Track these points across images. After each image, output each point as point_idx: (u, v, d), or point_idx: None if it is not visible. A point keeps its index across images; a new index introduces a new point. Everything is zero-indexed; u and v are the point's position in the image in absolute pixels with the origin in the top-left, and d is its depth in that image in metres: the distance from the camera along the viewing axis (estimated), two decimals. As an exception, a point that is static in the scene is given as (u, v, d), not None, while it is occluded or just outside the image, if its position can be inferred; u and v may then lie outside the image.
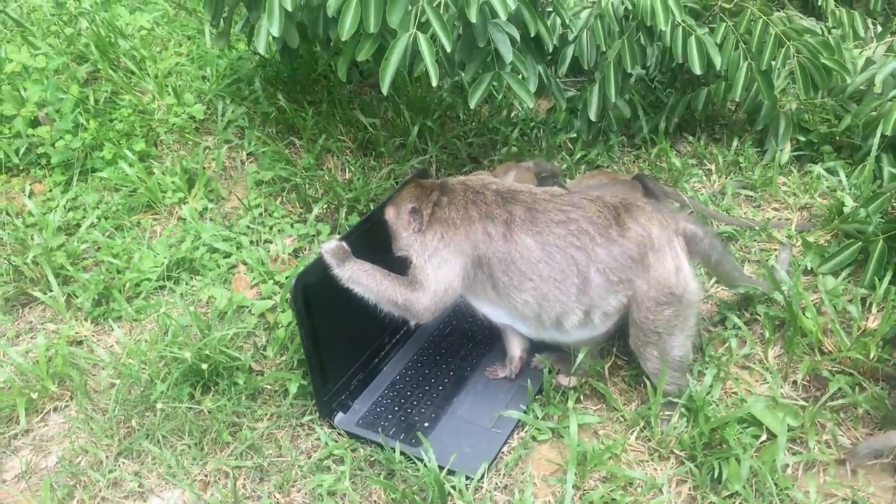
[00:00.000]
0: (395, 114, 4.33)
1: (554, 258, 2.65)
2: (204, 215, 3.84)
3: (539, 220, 2.68)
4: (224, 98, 4.38)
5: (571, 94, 4.35)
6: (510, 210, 2.71)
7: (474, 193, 2.77)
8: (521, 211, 2.70)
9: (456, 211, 2.74)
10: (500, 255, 2.68)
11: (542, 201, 2.73)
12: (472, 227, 2.71)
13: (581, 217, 2.68)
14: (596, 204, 2.72)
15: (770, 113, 3.97)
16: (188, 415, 2.89)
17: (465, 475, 2.67)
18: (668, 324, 2.71)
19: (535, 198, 2.75)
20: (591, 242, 2.65)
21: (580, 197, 2.77)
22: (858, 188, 3.68)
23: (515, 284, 2.69)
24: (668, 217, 2.80)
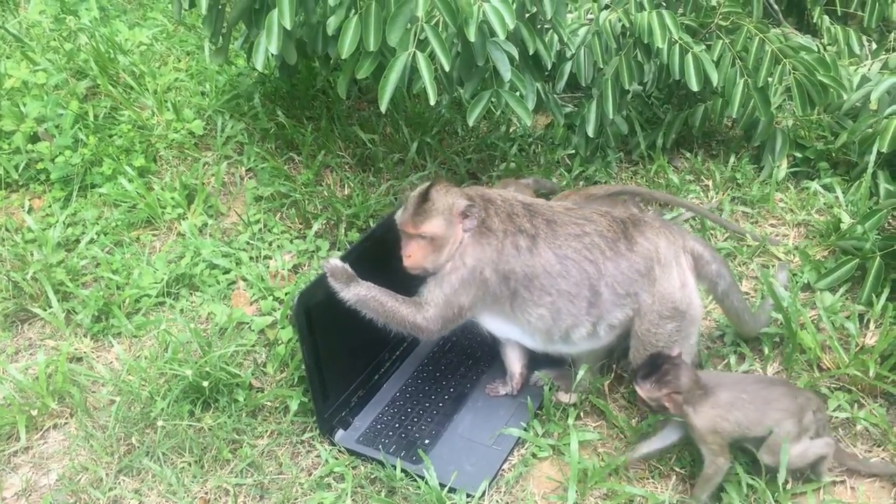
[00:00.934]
0: (393, 130, 4.35)
1: (570, 272, 2.68)
2: (203, 231, 3.85)
3: (559, 233, 2.71)
4: (223, 114, 4.39)
5: (569, 111, 4.38)
6: (535, 224, 2.72)
7: (510, 205, 2.77)
8: (544, 225, 2.72)
9: (500, 221, 2.73)
10: (526, 270, 2.69)
11: (559, 214, 2.76)
12: (507, 239, 2.70)
13: (593, 231, 2.72)
14: (606, 218, 2.76)
15: (767, 129, 4.00)
16: (188, 432, 2.89)
17: (466, 493, 2.68)
18: (669, 338, 2.73)
19: (553, 211, 2.77)
20: (601, 256, 2.68)
21: (591, 211, 2.80)
22: (855, 205, 3.70)
23: (535, 299, 2.71)
24: (676, 233, 2.83)
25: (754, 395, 2.56)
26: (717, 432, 2.52)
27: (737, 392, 2.57)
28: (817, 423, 2.59)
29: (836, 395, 2.90)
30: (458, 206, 2.70)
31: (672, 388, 2.52)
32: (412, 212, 2.73)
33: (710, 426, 2.52)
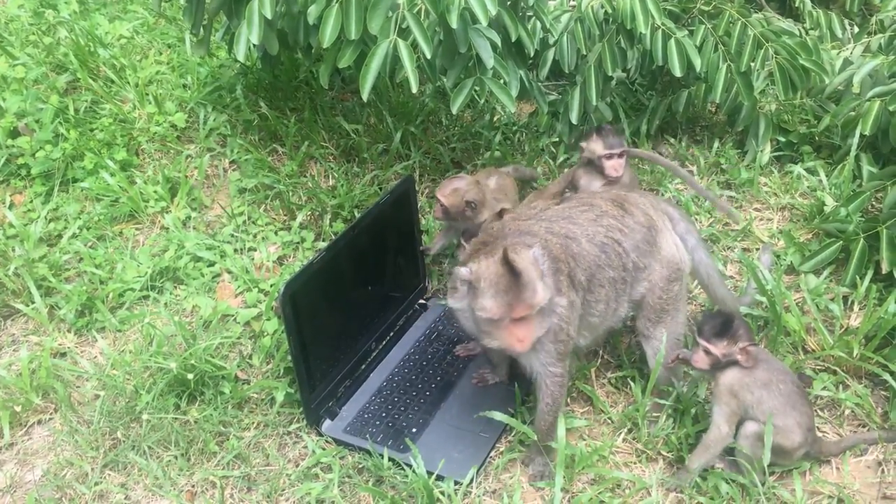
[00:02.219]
0: (377, 120, 4.33)
1: (610, 257, 2.68)
2: (187, 224, 3.82)
3: (581, 222, 2.70)
4: (205, 106, 4.36)
5: (553, 98, 4.37)
6: (563, 225, 2.69)
7: (534, 218, 2.73)
8: (568, 223, 2.69)
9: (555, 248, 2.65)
10: (586, 273, 2.64)
11: (566, 208, 2.75)
12: (564, 254, 2.62)
13: (603, 213, 2.72)
14: (603, 199, 2.78)
15: (750, 114, 4.01)
16: (174, 425, 2.88)
17: (454, 480, 2.67)
18: (675, 300, 2.80)
19: (558, 208, 2.78)
20: (621, 235, 2.71)
21: (586, 197, 2.84)
22: (838, 187, 3.71)
23: (596, 297, 2.69)
24: (653, 199, 2.92)
25: (788, 392, 2.58)
26: (735, 396, 2.55)
27: (776, 378, 2.58)
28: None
29: (821, 377, 2.92)
30: (537, 256, 2.46)
31: (747, 341, 2.56)
32: (515, 295, 2.37)
33: (733, 387, 2.56)
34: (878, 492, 2.62)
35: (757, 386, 2.56)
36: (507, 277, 2.35)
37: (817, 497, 2.61)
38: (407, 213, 3.28)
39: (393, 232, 3.26)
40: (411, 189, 3.26)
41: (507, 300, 2.36)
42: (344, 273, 3.03)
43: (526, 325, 2.42)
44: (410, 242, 3.38)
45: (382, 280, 3.27)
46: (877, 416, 2.80)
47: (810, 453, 2.65)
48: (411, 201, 3.28)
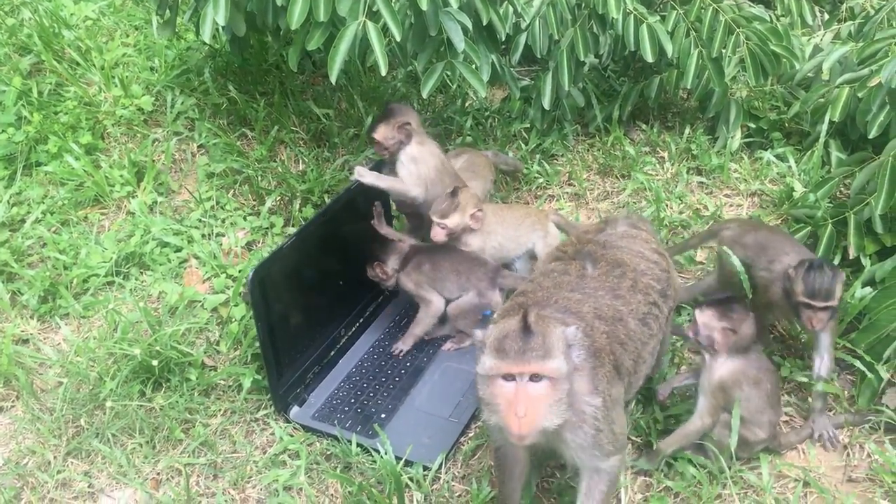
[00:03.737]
0: (348, 104, 4.28)
1: (652, 328, 2.46)
2: (154, 209, 3.76)
3: (623, 295, 2.41)
4: (173, 89, 4.29)
5: (526, 84, 4.35)
6: (611, 304, 2.40)
7: (568, 287, 2.44)
8: (611, 298, 2.40)
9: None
10: (632, 357, 2.39)
11: (595, 278, 2.44)
12: (609, 340, 2.34)
13: (640, 274, 2.48)
14: (629, 254, 2.53)
15: (721, 100, 4.01)
16: (139, 412, 2.83)
17: (423, 466, 2.66)
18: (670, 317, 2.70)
19: (583, 276, 2.45)
20: (658, 297, 2.50)
21: (612, 249, 2.54)
22: (807, 173, 3.73)
23: (640, 372, 2.48)
24: (644, 225, 2.75)
25: (771, 392, 2.59)
26: (725, 391, 2.55)
27: (764, 377, 2.58)
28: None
29: (790, 361, 2.93)
30: (569, 335, 2.08)
31: (730, 325, 2.54)
32: (518, 349, 2.00)
33: (724, 381, 2.55)
34: (844, 475, 2.64)
35: (748, 383, 2.55)
36: (516, 333, 2.00)
37: (783, 480, 2.63)
38: (377, 196, 3.24)
39: (363, 218, 3.22)
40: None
41: (506, 352, 1.99)
42: (313, 259, 3.00)
43: (531, 401, 1.98)
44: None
45: (352, 266, 3.24)
46: (845, 400, 2.82)
47: (769, 447, 2.67)
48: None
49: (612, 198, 3.84)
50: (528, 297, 2.39)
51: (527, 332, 2.00)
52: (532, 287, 2.44)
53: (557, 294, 2.36)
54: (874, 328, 2.78)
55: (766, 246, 2.93)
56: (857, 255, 3.17)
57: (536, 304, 2.28)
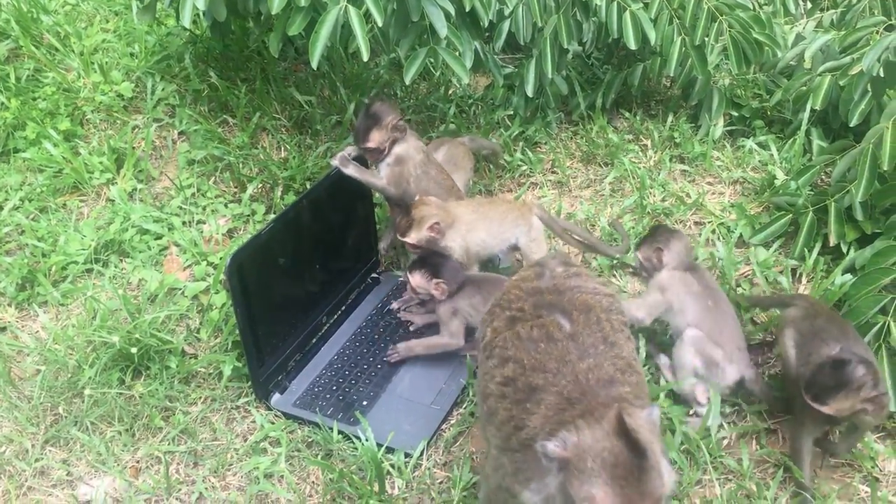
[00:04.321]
0: (331, 91, 4.25)
1: (630, 350, 2.16)
2: (133, 196, 3.73)
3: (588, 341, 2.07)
4: (153, 75, 4.24)
5: (509, 71, 4.33)
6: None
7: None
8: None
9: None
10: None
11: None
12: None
13: (587, 302, 2.16)
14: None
15: (704, 88, 4.02)
16: (118, 400, 2.81)
17: (405, 452, 2.65)
18: None
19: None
20: (609, 313, 2.18)
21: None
22: (789, 162, 3.74)
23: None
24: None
25: (727, 318, 2.79)
26: (663, 291, 2.83)
27: (710, 295, 2.81)
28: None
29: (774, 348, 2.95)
30: (655, 419, 1.80)
31: (659, 245, 2.90)
32: (639, 485, 1.64)
33: (662, 282, 2.85)
34: (823, 461, 2.66)
35: (687, 293, 2.81)
36: (625, 457, 1.64)
37: (764, 465, 2.64)
38: (360, 185, 3.22)
39: (345, 204, 3.21)
40: (363, 159, 3.20)
41: (629, 492, 1.63)
42: (294, 245, 2.97)
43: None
44: (363, 215, 3.33)
45: (334, 253, 3.22)
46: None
47: (752, 391, 2.74)
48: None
49: (594, 185, 3.84)
50: (538, 385, 1.94)
51: (637, 454, 1.63)
52: (530, 367, 1.98)
53: (566, 368, 1.95)
54: (854, 314, 2.79)
55: (816, 334, 2.61)
56: (837, 242, 3.19)
57: (588, 395, 1.87)
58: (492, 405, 2.06)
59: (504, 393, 2.01)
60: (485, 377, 2.14)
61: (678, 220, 3.57)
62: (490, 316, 2.25)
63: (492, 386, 2.07)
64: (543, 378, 1.95)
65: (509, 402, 1.98)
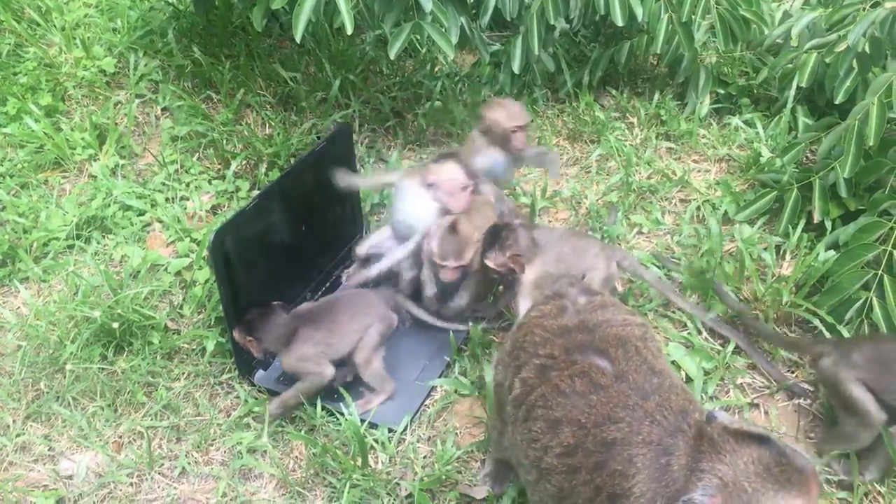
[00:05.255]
0: (316, 68, 4.21)
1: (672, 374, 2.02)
2: (116, 172, 3.69)
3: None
4: (136, 51, 4.20)
5: (496, 48, 4.30)
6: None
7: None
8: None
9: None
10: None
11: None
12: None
13: (620, 335, 2.00)
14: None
15: (690, 66, 4.00)
16: (100, 376, 2.79)
17: (388, 428, 2.65)
18: None
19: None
20: (643, 341, 2.04)
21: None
22: (774, 139, 3.74)
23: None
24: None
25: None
26: (539, 287, 2.64)
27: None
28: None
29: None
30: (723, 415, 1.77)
31: (515, 251, 2.69)
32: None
33: (537, 279, 2.69)
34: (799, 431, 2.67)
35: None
36: (763, 454, 1.64)
37: (745, 440, 2.65)
38: (344, 161, 3.20)
39: (329, 181, 3.18)
40: (347, 136, 3.18)
41: (795, 479, 1.62)
42: (278, 221, 2.96)
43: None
44: (347, 191, 3.30)
45: (318, 229, 3.20)
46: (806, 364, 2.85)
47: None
48: (348, 148, 3.20)
49: (581, 163, 3.83)
50: (614, 440, 1.77)
51: (768, 444, 1.64)
52: (593, 424, 1.80)
53: (636, 414, 1.79)
54: (836, 290, 2.81)
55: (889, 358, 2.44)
56: (821, 219, 3.19)
57: (670, 437, 1.74)
58: (560, 483, 1.84)
59: (574, 466, 1.80)
60: (532, 446, 1.91)
61: (664, 198, 3.57)
62: (513, 360, 2.05)
63: (550, 460, 1.86)
64: (617, 431, 1.77)
65: (587, 473, 1.78)
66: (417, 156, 3.88)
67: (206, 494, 2.54)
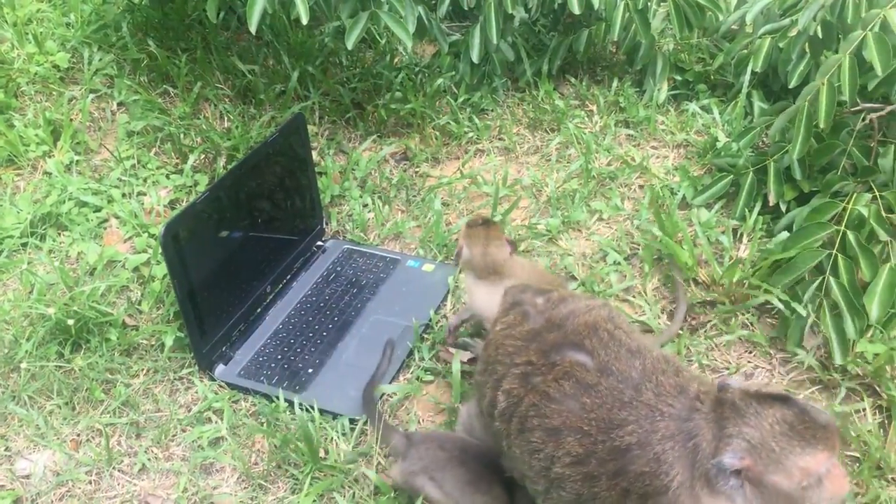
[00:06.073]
0: (275, 60, 4.18)
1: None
2: (71, 169, 3.64)
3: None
4: (90, 45, 4.13)
5: (455, 39, 4.30)
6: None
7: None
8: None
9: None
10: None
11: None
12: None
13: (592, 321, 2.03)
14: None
15: (648, 53, 4.03)
16: (56, 374, 2.76)
17: (350, 418, 2.65)
18: None
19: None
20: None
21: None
22: (731, 124, 3.78)
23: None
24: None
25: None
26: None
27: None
28: None
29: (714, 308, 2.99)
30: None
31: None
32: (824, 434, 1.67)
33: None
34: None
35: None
36: (785, 413, 1.67)
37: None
38: (300, 151, 3.18)
39: (285, 171, 3.16)
40: (302, 126, 3.16)
41: (818, 435, 1.67)
42: (233, 214, 2.94)
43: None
44: (305, 182, 3.29)
45: (276, 221, 3.19)
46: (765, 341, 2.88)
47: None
48: (303, 139, 3.18)
49: (541, 151, 3.84)
50: (630, 445, 1.76)
51: (787, 402, 1.69)
52: (599, 430, 1.80)
53: (637, 413, 1.79)
54: (791, 270, 2.84)
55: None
56: (776, 201, 3.23)
57: (685, 417, 1.76)
58: (577, 489, 1.82)
59: (590, 473, 1.79)
60: (535, 457, 1.89)
61: (623, 184, 3.59)
62: (490, 376, 2.04)
63: (560, 469, 1.84)
64: (628, 436, 1.76)
65: (608, 479, 1.76)
66: (378, 146, 3.87)
67: (167, 490, 2.52)
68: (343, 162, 3.78)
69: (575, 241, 3.33)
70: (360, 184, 3.67)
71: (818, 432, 1.64)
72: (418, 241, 3.38)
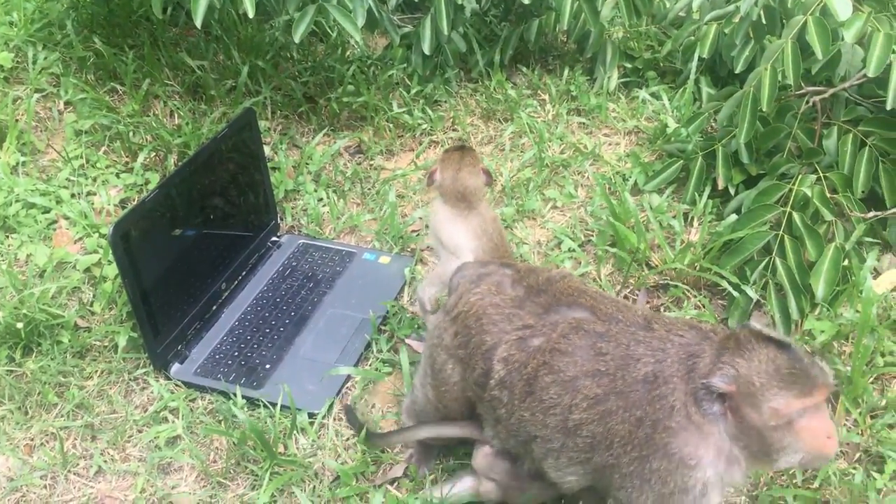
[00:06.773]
0: (224, 55, 4.14)
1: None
2: (17, 170, 3.57)
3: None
4: (34, 44, 4.06)
5: (407, 30, 4.29)
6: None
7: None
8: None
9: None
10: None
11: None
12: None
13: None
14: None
15: (598, 42, 4.07)
16: (7, 378, 2.71)
17: (308, 413, 2.64)
18: None
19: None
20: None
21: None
22: (680, 110, 3.83)
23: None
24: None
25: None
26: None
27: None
28: None
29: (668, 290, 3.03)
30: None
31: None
32: (805, 376, 1.70)
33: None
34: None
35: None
36: (782, 359, 1.71)
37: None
38: (251, 146, 3.16)
39: (237, 167, 3.13)
40: (253, 121, 3.14)
41: (803, 387, 1.69)
42: (185, 212, 2.91)
43: (823, 415, 1.75)
44: (258, 178, 3.27)
45: (230, 218, 3.16)
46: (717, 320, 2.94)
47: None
48: (254, 134, 3.16)
49: (495, 141, 3.86)
50: (645, 374, 1.83)
51: (787, 350, 1.73)
52: (615, 368, 1.85)
53: (652, 345, 1.85)
54: (739, 251, 2.90)
55: None
56: (725, 185, 3.29)
57: (696, 348, 1.82)
58: (593, 431, 1.86)
59: (608, 410, 1.84)
60: (551, 413, 1.91)
61: (576, 171, 3.62)
62: (476, 349, 2.02)
63: (578, 415, 1.87)
64: (645, 366, 1.82)
65: (625, 412, 1.82)
66: (332, 140, 3.86)
67: (125, 491, 2.49)
68: (297, 156, 3.76)
69: (530, 230, 3.36)
70: (315, 178, 3.65)
71: (801, 380, 1.68)
72: (374, 233, 3.38)
